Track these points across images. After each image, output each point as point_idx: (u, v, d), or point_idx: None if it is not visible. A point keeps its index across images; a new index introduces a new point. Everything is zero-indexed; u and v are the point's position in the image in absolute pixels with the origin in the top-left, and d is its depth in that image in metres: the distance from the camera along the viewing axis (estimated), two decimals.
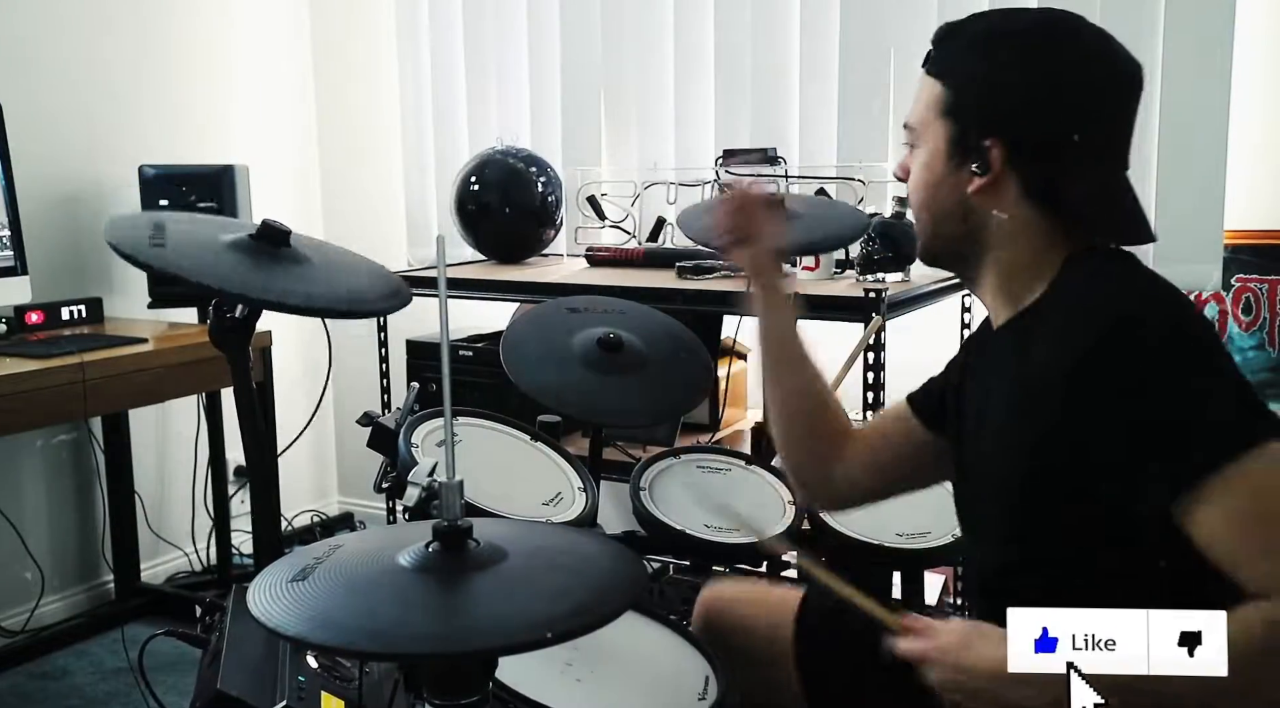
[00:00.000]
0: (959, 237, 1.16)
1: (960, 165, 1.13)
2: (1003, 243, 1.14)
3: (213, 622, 1.36)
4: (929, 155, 1.16)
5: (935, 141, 1.15)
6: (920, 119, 1.16)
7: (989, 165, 1.11)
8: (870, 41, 2.80)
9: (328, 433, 3.83)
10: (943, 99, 1.14)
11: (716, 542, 1.75)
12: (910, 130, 1.18)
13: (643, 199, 3.02)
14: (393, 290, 1.48)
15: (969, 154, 1.12)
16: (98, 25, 3.02)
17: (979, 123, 1.11)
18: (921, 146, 1.17)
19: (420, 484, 1.35)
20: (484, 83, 3.39)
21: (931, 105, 1.15)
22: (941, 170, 1.14)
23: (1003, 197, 1.12)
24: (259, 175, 3.06)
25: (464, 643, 0.84)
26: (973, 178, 1.12)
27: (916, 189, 1.18)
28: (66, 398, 2.35)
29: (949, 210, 1.15)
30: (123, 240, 1.30)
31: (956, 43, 1.15)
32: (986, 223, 1.13)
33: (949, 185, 1.14)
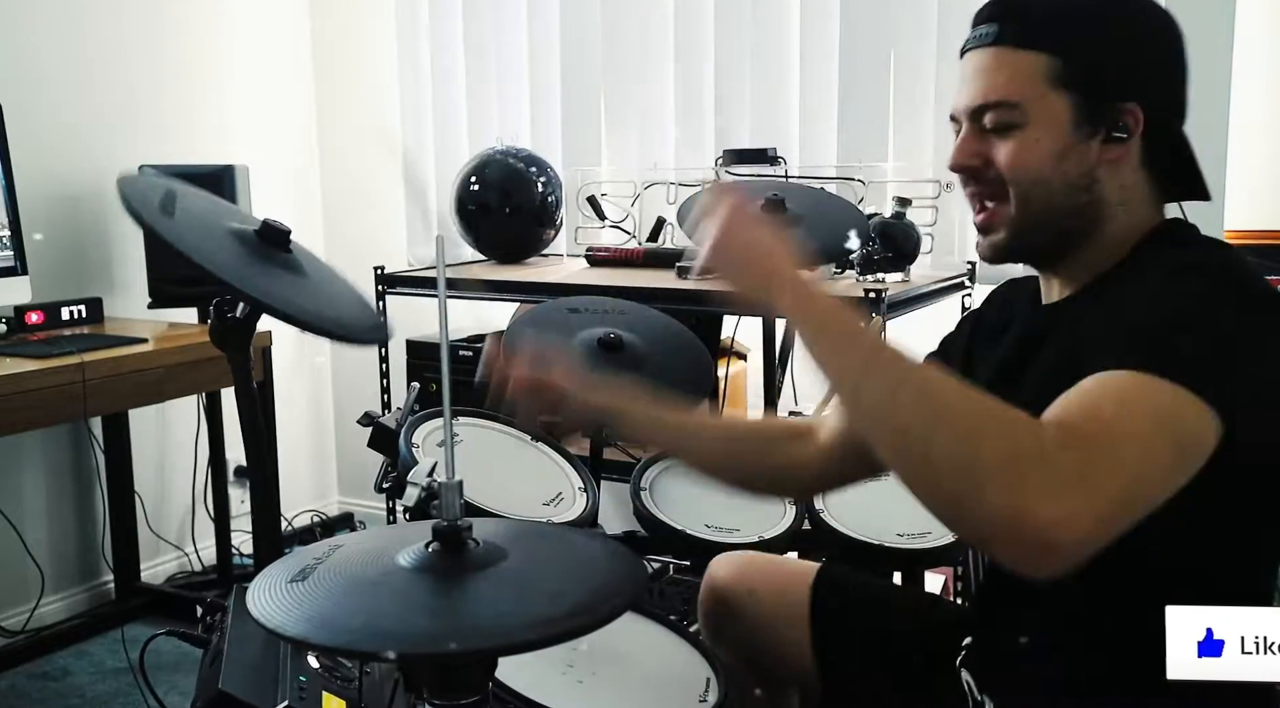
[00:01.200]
0: (1076, 211, 1.10)
1: (1090, 135, 1.08)
2: (1114, 213, 1.11)
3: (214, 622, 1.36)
4: (1047, 129, 1.08)
5: (1055, 113, 1.07)
6: (1025, 94, 1.08)
7: (1128, 130, 1.07)
8: (870, 41, 2.80)
9: (328, 433, 3.83)
10: (1052, 69, 1.07)
11: (716, 542, 1.75)
12: (1005, 108, 1.09)
13: (643, 199, 3.02)
14: (374, 325, 1.49)
15: (1100, 121, 1.07)
16: (98, 25, 3.02)
17: (1113, 87, 1.07)
18: (1032, 123, 1.08)
19: (420, 484, 1.35)
20: (484, 83, 3.39)
21: (1037, 78, 1.07)
22: (1066, 141, 1.08)
23: (1128, 163, 1.09)
24: (259, 175, 3.06)
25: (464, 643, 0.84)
26: (1106, 145, 1.08)
27: (1031, 166, 1.09)
28: (66, 398, 2.35)
29: (1074, 183, 1.09)
30: (134, 199, 1.28)
31: (1039, 14, 1.09)
32: (1106, 194, 1.10)
33: (1075, 157, 1.08)
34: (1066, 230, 1.11)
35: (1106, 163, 1.08)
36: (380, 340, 1.48)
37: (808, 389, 2.66)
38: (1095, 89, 1.07)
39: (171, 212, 1.32)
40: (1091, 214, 1.10)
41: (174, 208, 1.33)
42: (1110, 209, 1.10)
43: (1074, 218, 1.10)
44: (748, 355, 2.81)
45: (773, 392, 2.15)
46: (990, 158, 1.11)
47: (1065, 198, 1.10)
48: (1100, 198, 1.10)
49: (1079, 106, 1.07)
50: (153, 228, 1.27)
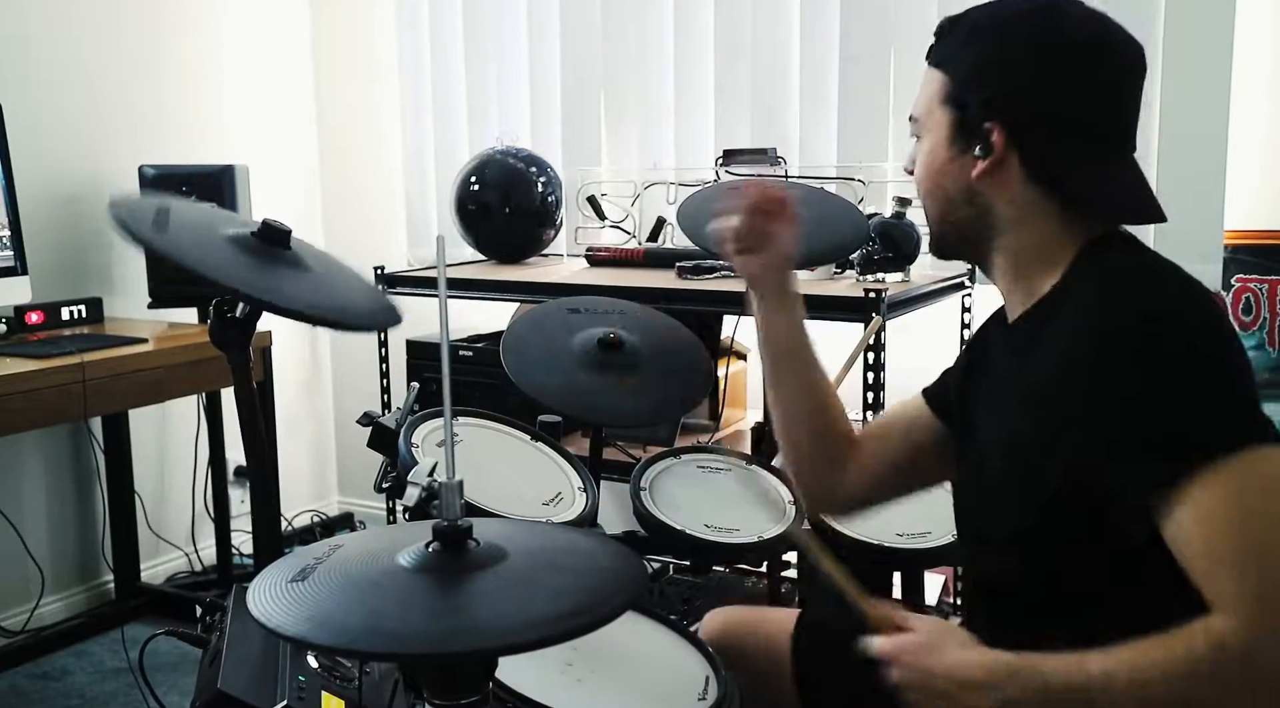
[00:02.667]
0: (966, 222, 1.17)
1: (964, 150, 1.14)
2: (1010, 228, 1.15)
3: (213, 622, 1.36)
4: (932, 144, 1.17)
5: (938, 129, 1.16)
6: (924, 109, 1.18)
7: (991, 147, 1.12)
8: (870, 41, 2.80)
9: (328, 433, 3.83)
10: (944, 88, 1.15)
11: (716, 542, 1.74)
12: (915, 122, 1.20)
13: (643, 199, 3.02)
14: (384, 308, 1.48)
15: (971, 139, 1.13)
16: (98, 26, 3.02)
17: (979, 106, 1.12)
18: (925, 136, 1.18)
19: (420, 484, 1.35)
20: (484, 83, 3.39)
21: (933, 95, 1.17)
22: (945, 156, 1.16)
23: (1008, 180, 1.13)
24: (259, 175, 3.06)
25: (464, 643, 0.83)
26: (976, 162, 1.13)
27: (923, 178, 1.20)
28: (66, 398, 2.35)
29: (954, 196, 1.16)
30: (126, 219, 1.28)
31: (956, 33, 1.17)
32: (992, 208, 1.14)
33: (954, 171, 1.15)
34: (966, 238, 1.19)
35: (982, 178, 1.13)
36: (390, 324, 1.48)
37: None
38: (966, 107, 1.13)
39: (165, 226, 1.32)
40: (983, 225, 1.16)
41: (168, 222, 1.33)
42: (1005, 222, 1.15)
43: (966, 228, 1.18)
44: (748, 355, 2.81)
45: None
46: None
47: (952, 209, 1.17)
48: (987, 211, 1.15)
49: (954, 124, 1.15)
50: (148, 245, 1.29)
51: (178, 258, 1.26)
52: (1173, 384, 0.97)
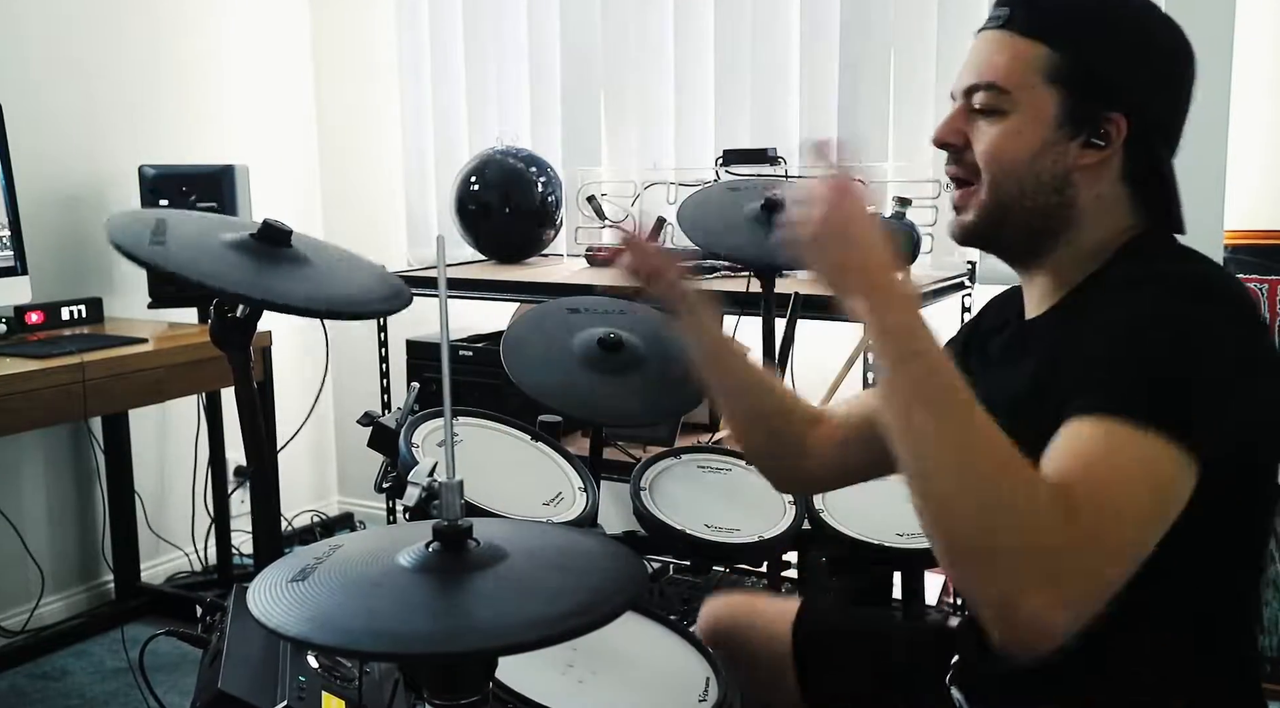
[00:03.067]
0: (1045, 211, 1.09)
1: (1071, 136, 1.06)
2: (1086, 222, 1.09)
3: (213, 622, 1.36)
4: (1028, 121, 1.07)
5: (1040, 108, 1.07)
6: (1016, 81, 1.07)
7: (1109, 138, 1.06)
8: (870, 41, 2.80)
9: (328, 433, 3.83)
10: (1049, 63, 1.06)
11: (716, 542, 1.74)
12: (994, 92, 1.08)
13: (643, 199, 3.02)
14: (393, 292, 1.48)
15: (1083, 125, 1.06)
16: (97, 25, 3.02)
17: (1102, 94, 1.06)
18: (1016, 111, 1.07)
19: (420, 484, 1.35)
20: (484, 83, 3.39)
21: (1033, 68, 1.06)
22: (1046, 138, 1.07)
23: (1107, 173, 1.08)
24: (259, 175, 3.06)
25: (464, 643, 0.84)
26: (1085, 150, 1.06)
27: (1007, 157, 1.08)
28: (66, 398, 2.35)
29: (1045, 181, 1.08)
30: (123, 238, 1.29)
31: (1052, 6, 1.08)
32: (1077, 199, 1.08)
33: (1052, 155, 1.07)
34: (1035, 228, 1.10)
35: (1083, 168, 1.07)
36: (399, 307, 1.48)
37: (808, 389, 2.65)
38: (1085, 91, 1.06)
39: (163, 240, 1.32)
40: (1061, 216, 1.09)
41: (165, 236, 1.33)
42: (1083, 216, 1.09)
43: (1042, 217, 1.09)
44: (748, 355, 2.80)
45: None
46: (971, 138, 1.11)
47: (1035, 195, 1.09)
48: (1072, 202, 1.09)
49: (1065, 105, 1.06)
50: (147, 262, 1.29)
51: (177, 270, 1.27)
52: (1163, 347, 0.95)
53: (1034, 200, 1.09)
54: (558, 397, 1.76)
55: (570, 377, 1.77)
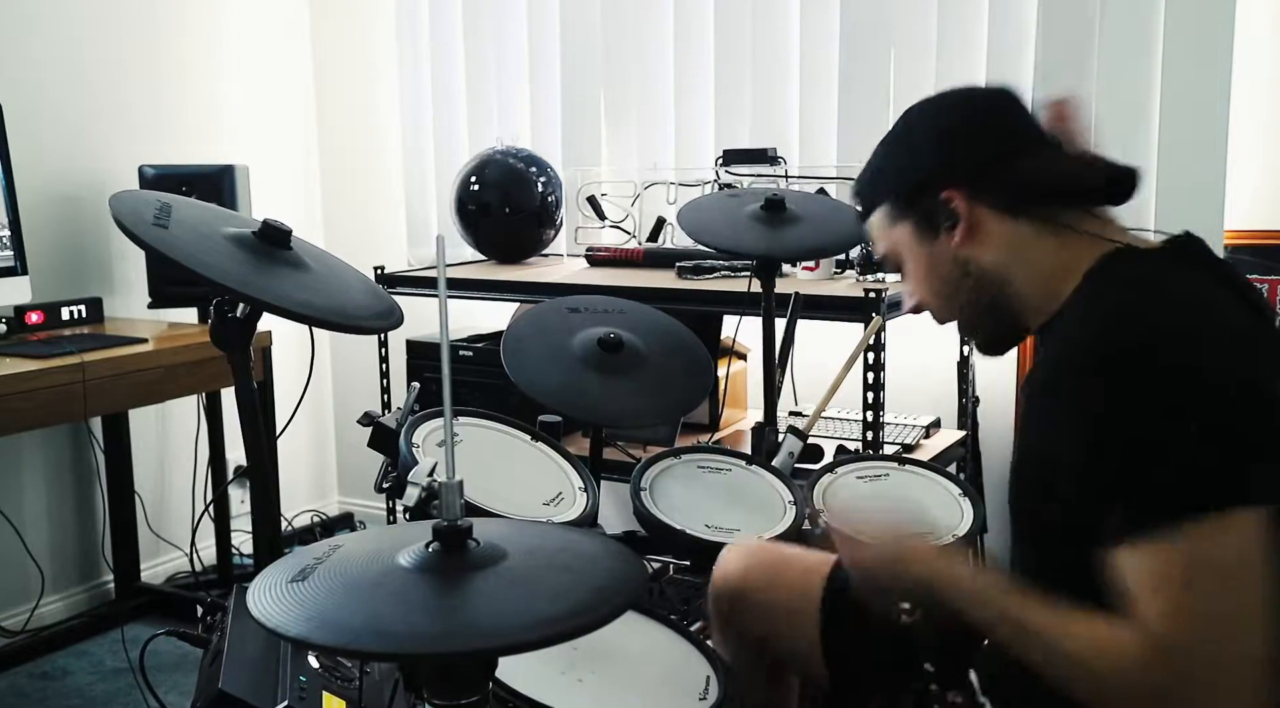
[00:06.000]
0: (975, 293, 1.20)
1: (934, 237, 1.20)
2: (1010, 271, 1.17)
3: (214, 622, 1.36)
4: (909, 257, 1.23)
5: (906, 243, 1.23)
6: (887, 245, 1.26)
7: (956, 212, 1.16)
8: (870, 41, 2.80)
9: (328, 433, 3.83)
10: (886, 215, 1.24)
11: (716, 542, 1.74)
12: (890, 260, 1.27)
13: (643, 199, 3.02)
14: (386, 310, 1.48)
15: (935, 220, 1.19)
16: (97, 25, 3.02)
17: (923, 191, 1.18)
18: (905, 259, 1.24)
19: (420, 484, 1.35)
20: (484, 83, 3.39)
21: (884, 227, 1.25)
22: (926, 253, 1.21)
23: (985, 230, 1.17)
24: (259, 175, 3.06)
25: (464, 643, 0.84)
26: (951, 233, 1.17)
27: (922, 290, 1.25)
28: (66, 398, 2.35)
29: (952, 278, 1.20)
30: (127, 216, 1.29)
31: (864, 182, 1.29)
32: (983, 265, 1.18)
33: (937, 259, 1.20)
34: (983, 309, 1.22)
35: (963, 244, 1.17)
36: (391, 327, 1.48)
37: (808, 389, 2.66)
38: (910, 204, 1.21)
39: (166, 224, 1.32)
40: (987, 285, 1.19)
41: (168, 220, 1.33)
42: (1004, 269, 1.18)
43: (978, 298, 1.21)
44: (748, 355, 2.81)
45: (772, 392, 2.15)
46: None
47: (956, 293, 1.21)
48: (983, 271, 1.18)
49: (913, 224, 1.21)
50: (148, 242, 1.28)
51: (179, 258, 1.26)
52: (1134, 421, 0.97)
53: (960, 297, 1.22)
54: (558, 397, 1.76)
55: (570, 377, 1.77)
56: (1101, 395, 1.00)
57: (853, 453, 2.35)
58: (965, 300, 1.21)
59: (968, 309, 1.23)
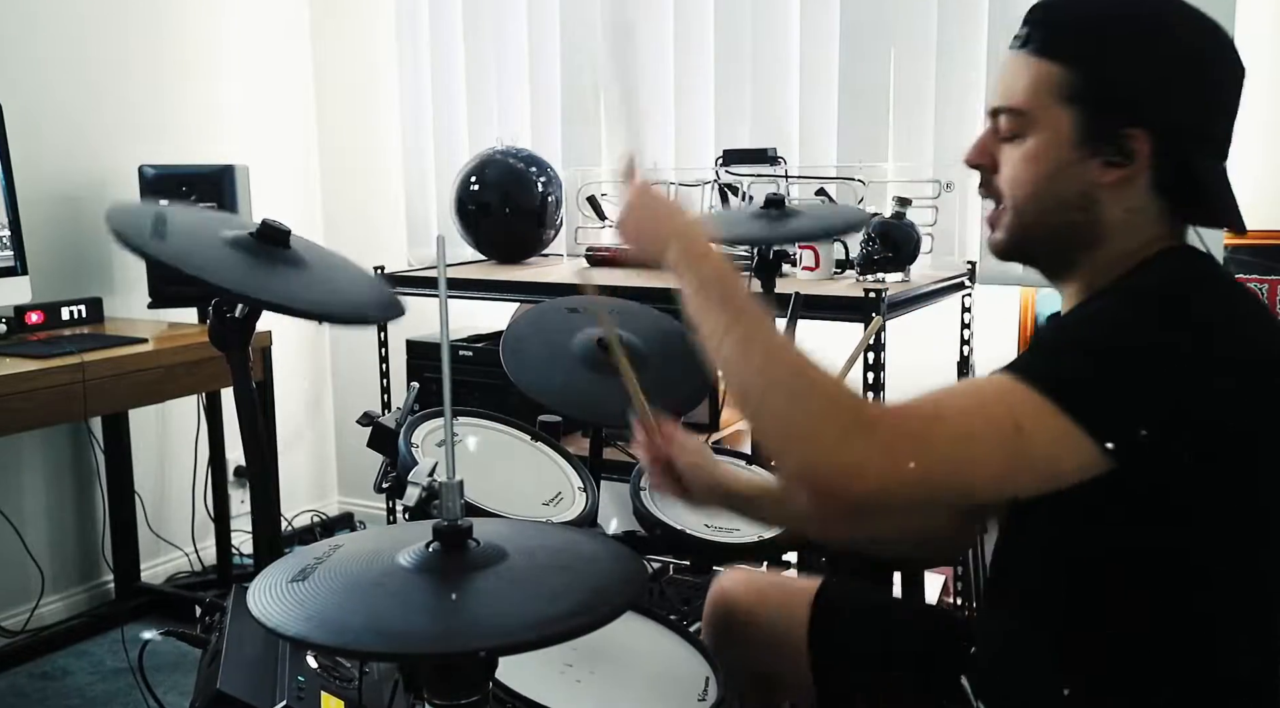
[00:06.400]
0: (1071, 228, 1.09)
1: (1091, 154, 1.05)
2: (1115, 236, 1.08)
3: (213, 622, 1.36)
4: (1045, 143, 1.07)
5: (1057, 128, 1.06)
6: (1032, 103, 1.07)
7: (1131, 154, 1.05)
8: (870, 41, 2.80)
9: (328, 433, 3.83)
10: (1063, 83, 1.05)
11: (716, 542, 1.74)
12: (1015, 115, 1.08)
13: None
14: (388, 302, 1.48)
15: (1102, 142, 1.05)
16: (98, 25, 3.02)
17: (1120, 111, 1.04)
18: (1034, 134, 1.07)
19: (420, 484, 1.35)
20: (484, 83, 3.39)
21: (1047, 89, 1.06)
22: (1066, 157, 1.06)
23: (1134, 187, 1.06)
24: (259, 175, 3.06)
25: (464, 643, 0.84)
26: (1107, 168, 1.05)
27: (1028, 179, 1.09)
28: (66, 398, 2.35)
29: (1068, 200, 1.07)
30: (124, 228, 1.29)
31: (1066, 24, 1.07)
32: (1104, 215, 1.07)
33: (1073, 175, 1.06)
34: (1061, 245, 1.11)
35: (1107, 185, 1.06)
36: (393, 317, 1.49)
37: None
38: (1101, 108, 1.05)
39: (164, 233, 1.32)
40: (1089, 232, 1.08)
41: (165, 229, 1.33)
42: (1112, 230, 1.08)
43: (1069, 233, 1.09)
44: None
45: None
46: (998, 161, 1.12)
47: (1059, 213, 1.08)
48: (1099, 219, 1.07)
49: (1081, 124, 1.05)
50: (147, 254, 1.28)
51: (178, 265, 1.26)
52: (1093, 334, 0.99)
53: (1058, 218, 1.09)
54: (558, 397, 1.76)
55: (570, 377, 1.77)
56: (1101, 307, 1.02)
57: None
58: (1058, 225, 1.09)
59: (1049, 232, 1.10)
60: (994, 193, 1.13)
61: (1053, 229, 1.10)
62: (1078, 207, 1.07)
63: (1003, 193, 1.12)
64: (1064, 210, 1.08)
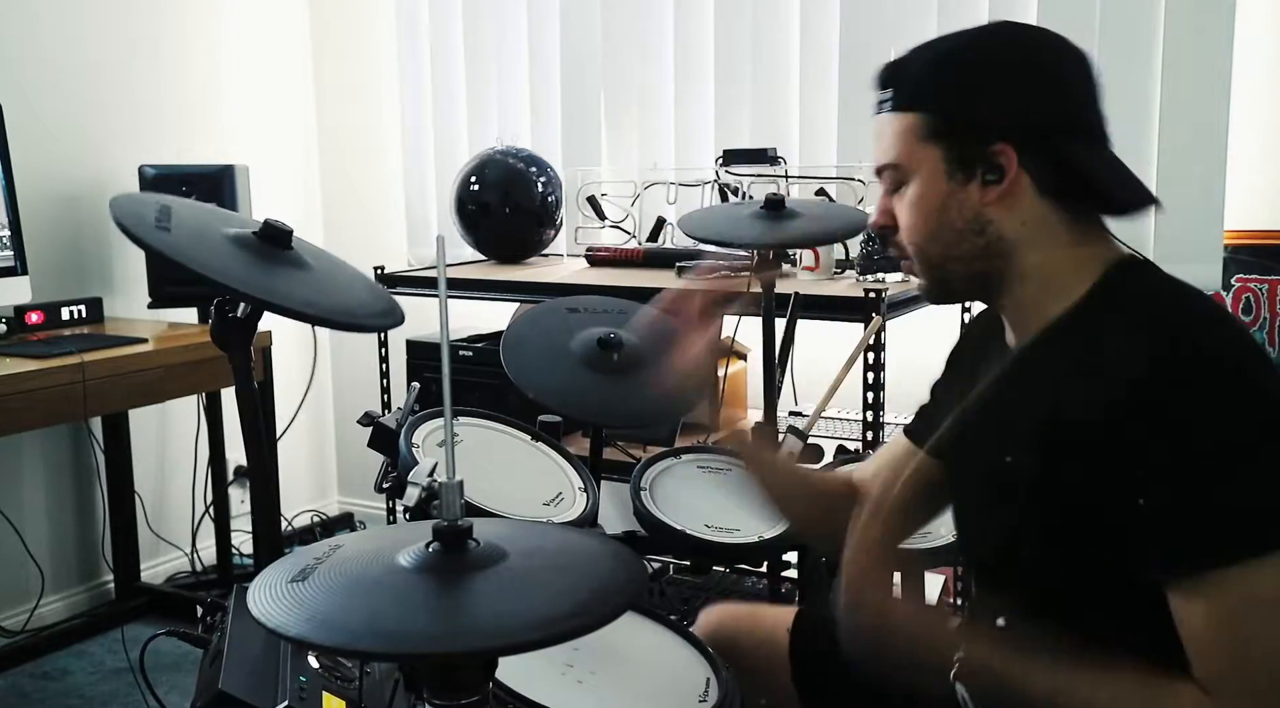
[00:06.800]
0: (975, 255, 1.11)
1: (966, 181, 1.10)
2: (1023, 250, 1.10)
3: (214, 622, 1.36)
4: (924, 184, 1.12)
5: (930, 167, 1.11)
6: (902, 154, 1.12)
7: (1002, 169, 1.08)
8: (870, 41, 2.80)
9: (327, 433, 3.83)
10: (924, 126, 1.11)
11: (716, 542, 1.74)
12: (892, 169, 1.14)
13: (643, 199, 3.02)
14: (387, 309, 1.48)
15: (973, 166, 1.09)
16: (98, 25, 3.02)
17: (978, 132, 1.08)
18: (913, 179, 1.12)
19: (420, 484, 1.35)
20: (484, 83, 3.39)
21: (912, 136, 1.12)
22: (944, 191, 1.11)
23: (1019, 199, 1.09)
24: (259, 175, 3.06)
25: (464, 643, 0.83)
26: (986, 188, 1.09)
27: (919, 222, 1.13)
28: (66, 398, 2.35)
29: (962, 229, 1.11)
30: (128, 219, 1.28)
31: (913, 72, 1.14)
32: (1001, 233, 1.10)
33: (957, 204, 1.10)
34: (975, 272, 1.13)
35: (992, 203, 1.09)
36: (392, 325, 1.48)
37: (807, 389, 2.66)
38: (960, 137, 1.09)
39: (167, 226, 1.32)
40: (995, 253, 1.11)
41: (169, 222, 1.33)
42: (1017, 245, 1.10)
43: (977, 260, 1.12)
44: (747, 355, 2.81)
45: (772, 392, 2.15)
46: (896, 217, 1.16)
47: (959, 245, 1.12)
48: (998, 237, 1.11)
49: (949, 156, 1.10)
50: (150, 246, 1.28)
51: (180, 259, 1.26)
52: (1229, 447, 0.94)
53: (960, 250, 1.12)
54: (558, 397, 1.76)
55: (570, 377, 1.77)
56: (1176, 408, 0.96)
57: (852, 453, 2.35)
58: (962, 255, 1.12)
59: (959, 264, 1.13)
60: (899, 249, 1.18)
61: (960, 260, 1.13)
62: (974, 231, 1.11)
63: (904, 244, 1.16)
64: (961, 239, 1.12)
